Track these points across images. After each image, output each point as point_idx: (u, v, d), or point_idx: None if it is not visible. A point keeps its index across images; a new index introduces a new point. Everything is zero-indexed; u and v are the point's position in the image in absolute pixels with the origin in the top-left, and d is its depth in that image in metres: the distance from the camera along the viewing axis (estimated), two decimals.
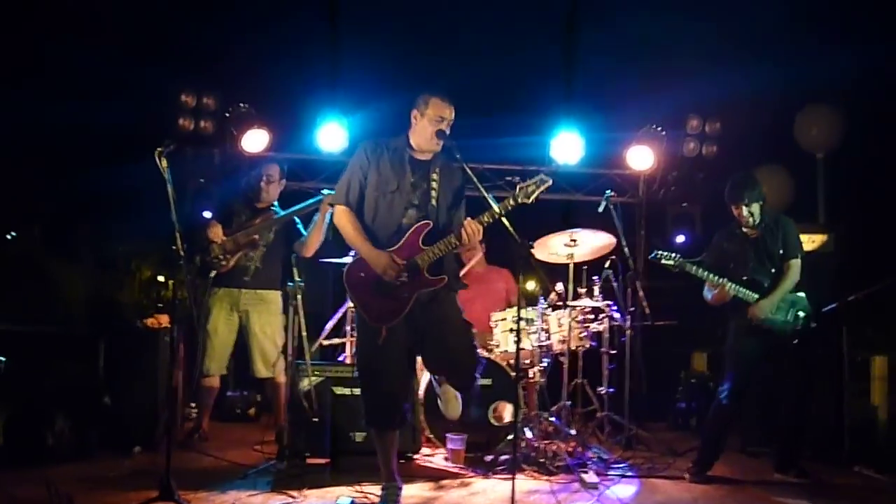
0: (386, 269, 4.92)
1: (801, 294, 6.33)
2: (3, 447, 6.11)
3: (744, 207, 6.26)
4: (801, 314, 6.27)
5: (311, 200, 6.90)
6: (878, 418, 7.13)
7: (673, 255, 6.27)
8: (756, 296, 6.19)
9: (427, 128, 5.04)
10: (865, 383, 7.24)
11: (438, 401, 5.29)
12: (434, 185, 5.08)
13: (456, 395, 5.19)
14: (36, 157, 9.87)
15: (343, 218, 5.13)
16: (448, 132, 5.05)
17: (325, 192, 6.80)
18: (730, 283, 6.17)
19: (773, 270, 6.28)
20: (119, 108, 9.40)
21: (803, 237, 7.65)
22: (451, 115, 5.07)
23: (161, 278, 10.38)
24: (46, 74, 9.58)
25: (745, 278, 6.24)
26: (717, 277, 6.19)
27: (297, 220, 7.00)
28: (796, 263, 6.32)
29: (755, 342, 6.24)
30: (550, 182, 4.97)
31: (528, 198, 4.95)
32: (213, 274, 6.86)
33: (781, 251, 6.32)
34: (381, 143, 5.21)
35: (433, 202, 5.05)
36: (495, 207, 4.84)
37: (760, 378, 6.51)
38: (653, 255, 6.40)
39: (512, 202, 4.93)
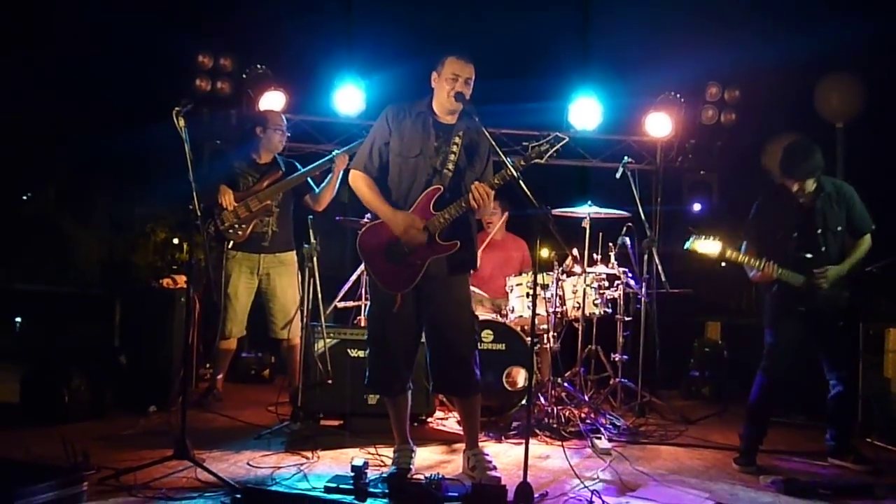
0: (407, 229, 4.90)
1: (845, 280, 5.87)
2: (21, 405, 6.16)
3: (797, 183, 5.80)
4: (846, 293, 5.86)
5: (320, 161, 6.89)
6: (891, 391, 7.12)
7: (712, 240, 5.74)
8: (802, 278, 5.71)
9: (444, 87, 4.99)
10: (879, 355, 7.23)
11: None
12: (455, 148, 5.02)
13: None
14: (51, 119, 9.90)
15: (359, 181, 5.11)
16: (468, 94, 4.98)
17: (336, 151, 6.81)
18: (776, 266, 5.69)
19: (823, 248, 5.80)
20: (135, 70, 9.41)
21: None
22: (467, 73, 4.99)
23: (176, 241, 10.42)
24: (63, 36, 9.59)
25: (788, 252, 5.78)
26: (762, 262, 5.69)
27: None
28: (868, 238, 5.94)
29: (796, 324, 5.81)
30: (566, 140, 4.91)
31: (542, 157, 4.88)
32: (230, 245, 6.86)
33: (841, 227, 5.83)
34: (405, 107, 5.15)
35: (449, 166, 5.00)
36: (508, 167, 4.78)
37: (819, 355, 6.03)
38: (687, 245, 5.85)
39: (524, 162, 4.87)
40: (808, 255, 5.77)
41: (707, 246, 5.75)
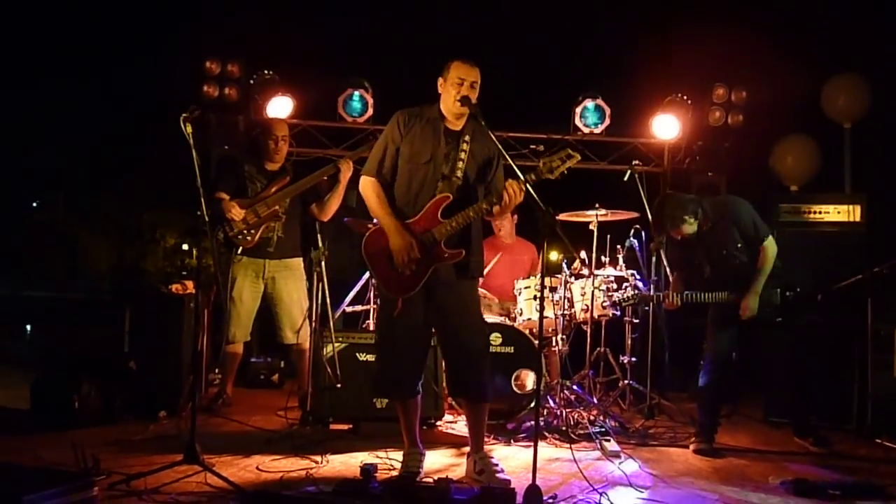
0: (401, 250, 4.89)
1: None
2: (31, 411, 6.18)
3: (674, 232, 6.26)
4: (774, 295, 6.22)
5: (327, 167, 6.90)
6: None
7: (630, 295, 6.71)
8: (726, 293, 6.18)
9: (450, 92, 4.97)
10: (889, 356, 7.21)
11: None
12: (463, 155, 5.01)
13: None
14: (60, 126, 9.93)
15: (369, 188, 5.10)
16: (474, 97, 4.96)
17: (341, 158, 6.82)
18: (677, 296, 6.29)
19: (724, 253, 6.22)
20: (143, 76, 9.44)
21: (829, 207, 7.63)
22: (473, 77, 4.98)
23: (185, 246, 10.45)
24: (71, 42, 9.62)
25: (705, 277, 6.29)
26: (677, 296, 6.31)
27: None
28: (770, 243, 6.21)
29: (730, 329, 6.25)
30: (577, 157, 4.90)
31: (553, 173, 4.86)
32: (239, 250, 6.89)
33: (740, 243, 6.20)
34: (415, 112, 5.13)
35: (458, 173, 4.99)
36: (521, 177, 4.77)
37: (783, 347, 6.41)
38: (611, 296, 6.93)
39: (534, 177, 4.83)
40: (717, 272, 6.31)
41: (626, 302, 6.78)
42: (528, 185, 4.71)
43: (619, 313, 7.51)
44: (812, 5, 9.37)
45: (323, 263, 6.33)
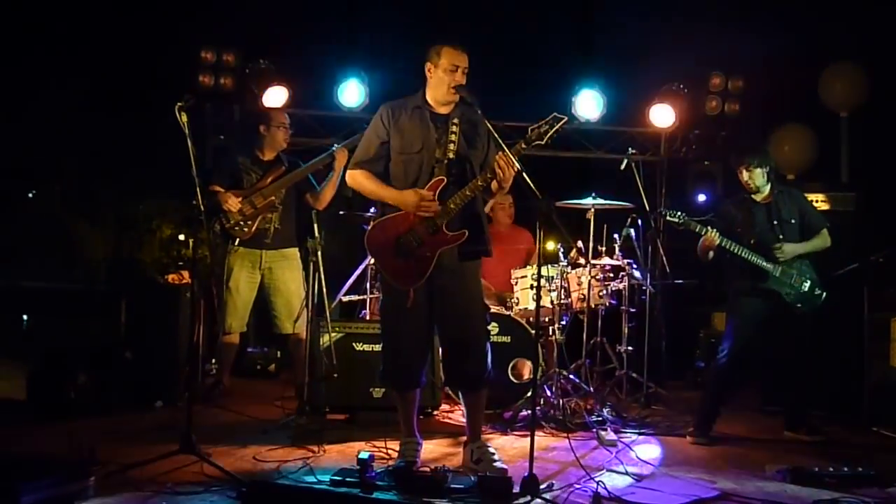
0: (416, 202, 4.84)
1: (811, 271, 6.29)
2: (27, 402, 6.18)
3: (744, 171, 6.25)
4: (816, 289, 6.25)
5: (322, 156, 6.89)
6: None
7: (678, 213, 6.22)
8: (770, 266, 6.14)
9: (443, 79, 4.91)
10: (885, 344, 7.22)
11: None
12: (453, 136, 4.94)
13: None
14: (55, 115, 9.88)
15: (359, 176, 5.06)
16: (465, 82, 4.92)
17: (336, 146, 6.82)
18: (739, 246, 6.12)
19: (780, 237, 6.21)
20: (139, 65, 9.40)
21: (825, 196, 7.65)
22: (465, 63, 4.93)
23: (182, 237, 10.43)
24: (65, 32, 9.57)
25: (752, 242, 6.18)
26: (703, 228, 6.15)
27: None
28: (826, 233, 6.35)
29: (757, 303, 6.22)
30: (565, 119, 4.77)
31: (542, 139, 4.76)
32: (236, 242, 6.89)
33: (795, 220, 6.27)
34: (398, 104, 5.08)
35: (450, 155, 4.93)
36: (505, 151, 4.67)
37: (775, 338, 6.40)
38: (659, 210, 6.60)
39: (524, 144, 4.77)
40: (766, 243, 6.22)
41: (672, 214, 6.26)
42: (523, 174, 4.67)
43: (615, 302, 7.52)
44: None
45: (319, 253, 6.31)
